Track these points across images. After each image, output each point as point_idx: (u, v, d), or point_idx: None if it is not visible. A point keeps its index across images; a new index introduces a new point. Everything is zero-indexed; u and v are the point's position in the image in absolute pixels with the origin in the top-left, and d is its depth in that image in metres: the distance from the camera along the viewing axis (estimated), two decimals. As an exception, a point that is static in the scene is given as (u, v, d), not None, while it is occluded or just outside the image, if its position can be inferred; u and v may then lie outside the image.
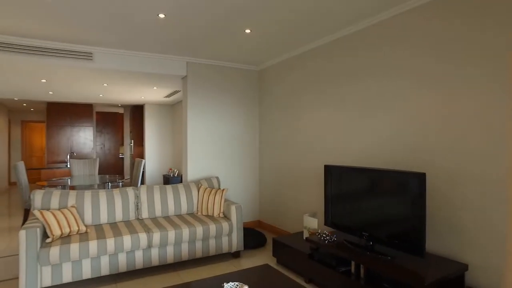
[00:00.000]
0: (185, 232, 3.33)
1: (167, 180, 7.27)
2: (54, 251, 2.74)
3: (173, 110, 8.40)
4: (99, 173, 9.23)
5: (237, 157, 4.82)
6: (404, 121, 2.77)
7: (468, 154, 2.31)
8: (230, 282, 1.97)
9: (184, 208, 3.92)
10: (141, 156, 8.65)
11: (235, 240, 3.66)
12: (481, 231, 2.24)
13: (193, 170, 4.48)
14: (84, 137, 8.64)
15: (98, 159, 6.98)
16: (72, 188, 5.26)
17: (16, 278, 3.14)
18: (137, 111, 8.69)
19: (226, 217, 3.74)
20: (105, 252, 2.95)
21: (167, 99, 7.33)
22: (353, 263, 2.61)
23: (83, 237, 2.97)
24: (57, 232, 2.92)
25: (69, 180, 5.63)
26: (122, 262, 3.06)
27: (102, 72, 4.30)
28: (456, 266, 2.24)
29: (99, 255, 2.94)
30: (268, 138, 4.74)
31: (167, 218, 3.68)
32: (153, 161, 8.28)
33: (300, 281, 3.05)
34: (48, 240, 2.84)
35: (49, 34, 3.40)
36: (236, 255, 3.73)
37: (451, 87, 2.42)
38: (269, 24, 3.18)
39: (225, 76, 4.70)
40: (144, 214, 3.69)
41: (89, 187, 5.53)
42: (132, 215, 3.63)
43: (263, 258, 3.68)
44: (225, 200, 3.98)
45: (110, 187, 5.85)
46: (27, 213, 4.77)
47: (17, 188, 5.88)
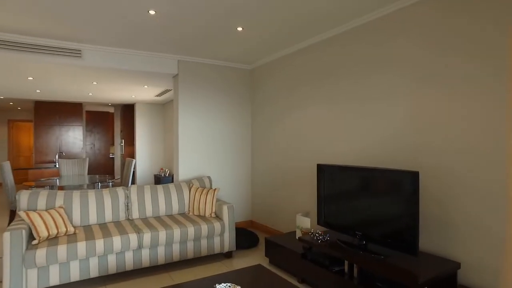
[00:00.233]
0: (177, 233, 3.28)
1: (158, 180, 7.19)
2: (41, 253, 2.66)
3: (164, 110, 8.32)
4: (89, 173, 9.10)
5: (229, 156, 4.78)
6: (400, 120, 2.77)
7: (463, 154, 2.32)
8: (223, 283, 1.95)
9: (176, 208, 3.86)
10: (132, 156, 8.54)
11: (227, 240, 3.62)
12: (473, 230, 2.25)
13: (185, 170, 4.42)
14: (74, 137, 8.50)
15: (88, 159, 6.86)
16: (61, 189, 5.16)
17: (0, 282, 3.05)
18: (128, 111, 8.59)
19: (218, 217, 3.70)
20: (94, 254, 2.89)
21: (158, 98, 7.25)
22: (346, 263, 2.60)
23: (71, 238, 2.90)
24: (44, 234, 2.84)
25: (58, 180, 5.51)
26: (112, 264, 3.00)
27: (92, 70, 4.21)
28: (449, 265, 2.24)
29: (88, 257, 2.87)
30: (261, 137, 4.71)
31: (158, 218, 3.62)
32: (144, 161, 8.19)
33: (293, 281, 3.03)
34: (34, 242, 2.76)
35: (35, 30, 3.30)
36: (228, 256, 3.69)
37: (450, 85, 2.42)
38: (262, 22, 3.15)
39: (217, 75, 4.66)
40: (135, 215, 3.63)
41: (78, 187, 5.42)
42: (122, 216, 3.56)
43: (256, 258, 3.65)
44: (217, 200, 3.93)
45: (100, 187, 5.75)
46: (13, 215, 4.65)
47: (3, 189, 5.74)
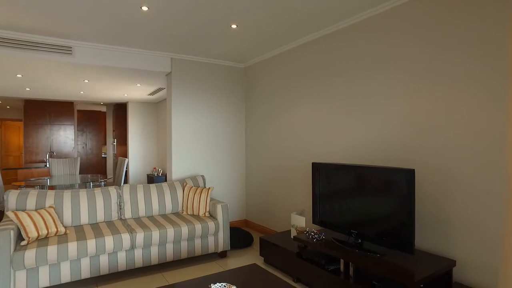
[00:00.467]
0: (170, 232, 3.23)
1: (151, 180, 7.11)
2: (30, 254, 2.60)
3: (157, 108, 8.24)
4: (81, 173, 8.97)
5: (223, 155, 4.74)
6: (396, 119, 2.76)
7: (459, 153, 2.32)
8: (217, 283, 1.91)
9: (169, 208, 3.81)
10: (125, 156, 8.44)
11: (222, 240, 3.58)
12: (469, 228, 2.25)
13: (178, 169, 4.37)
14: (65, 136, 8.36)
15: (79, 159, 6.75)
16: (52, 188, 5.06)
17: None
18: (120, 110, 8.48)
19: (212, 217, 3.66)
20: (86, 254, 2.82)
21: (151, 97, 7.17)
22: (342, 261, 2.58)
23: (62, 239, 2.83)
24: (33, 234, 2.77)
25: (48, 180, 5.41)
26: (104, 264, 2.94)
27: (83, 68, 4.13)
28: (444, 262, 2.24)
29: (79, 257, 2.81)
30: (255, 136, 4.68)
31: (151, 218, 3.57)
32: (137, 160, 8.10)
33: (288, 280, 3.01)
34: (23, 243, 2.69)
35: (23, 26, 3.22)
36: (223, 255, 3.65)
37: (448, 84, 2.41)
38: (256, 20, 3.12)
39: (211, 73, 4.61)
40: (127, 214, 3.57)
41: (70, 187, 5.33)
42: (115, 215, 3.50)
43: (250, 258, 3.62)
44: (211, 199, 3.89)
45: (92, 187, 5.67)
46: (1, 215, 4.55)
47: (-8, 189, 5.63)
